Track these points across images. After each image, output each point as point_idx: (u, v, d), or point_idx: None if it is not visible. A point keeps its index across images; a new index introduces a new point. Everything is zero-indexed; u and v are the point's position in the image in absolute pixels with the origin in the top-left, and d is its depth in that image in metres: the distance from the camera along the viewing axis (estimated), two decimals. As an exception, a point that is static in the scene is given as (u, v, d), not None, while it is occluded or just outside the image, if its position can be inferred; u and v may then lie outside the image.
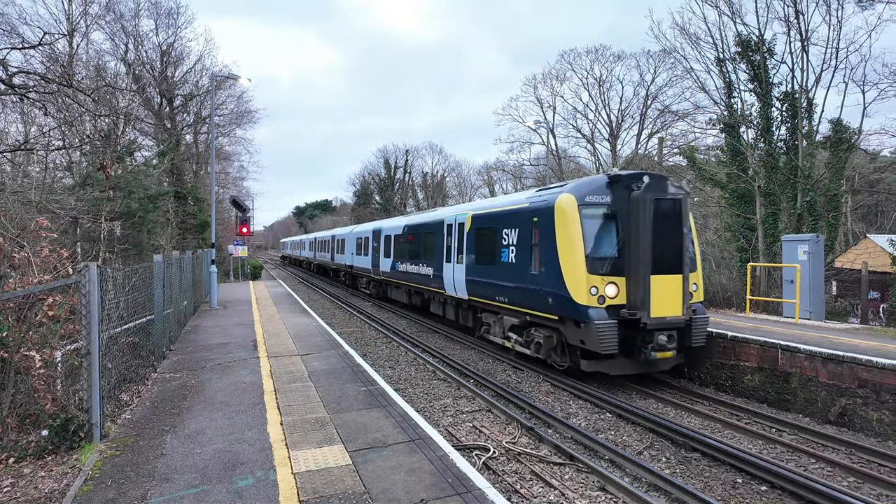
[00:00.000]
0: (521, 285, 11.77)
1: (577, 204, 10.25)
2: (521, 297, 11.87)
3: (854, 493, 6.06)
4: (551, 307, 10.74)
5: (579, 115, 46.01)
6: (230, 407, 7.52)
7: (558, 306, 10.52)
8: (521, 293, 11.81)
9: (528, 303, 11.56)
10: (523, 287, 11.70)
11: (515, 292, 12.06)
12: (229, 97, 37.58)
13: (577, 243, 10.06)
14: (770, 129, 22.91)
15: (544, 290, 10.87)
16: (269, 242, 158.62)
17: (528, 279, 11.50)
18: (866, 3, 20.40)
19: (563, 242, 10.36)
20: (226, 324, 15.57)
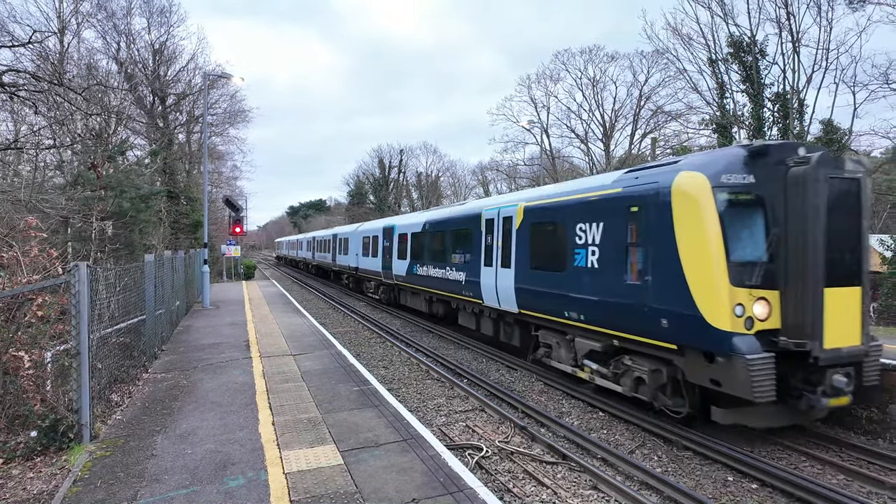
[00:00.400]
0: (609, 299, 8.76)
1: (711, 186, 7.23)
2: (607, 315, 8.88)
3: (843, 490, 6.10)
4: (665, 331, 7.72)
5: (573, 115, 46.23)
6: (222, 407, 7.49)
7: (679, 331, 7.54)
8: (609, 309, 8.80)
9: (621, 323, 8.58)
10: (612, 302, 8.68)
11: (598, 308, 9.08)
12: (222, 96, 37.45)
13: (712, 242, 7.13)
14: (762, 129, 23.08)
15: (652, 306, 7.84)
16: (263, 242, 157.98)
17: (622, 291, 8.47)
18: (857, 5, 20.60)
19: (690, 241, 7.42)
20: (218, 324, 15.50)
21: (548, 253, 10.77)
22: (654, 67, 39.39)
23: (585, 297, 9.43)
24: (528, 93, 49.60)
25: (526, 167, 51.65)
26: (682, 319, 7.42)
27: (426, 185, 73.57)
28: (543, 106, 48.15)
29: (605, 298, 8.93)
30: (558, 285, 10.19)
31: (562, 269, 10.10)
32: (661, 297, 7.78)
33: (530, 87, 49.62)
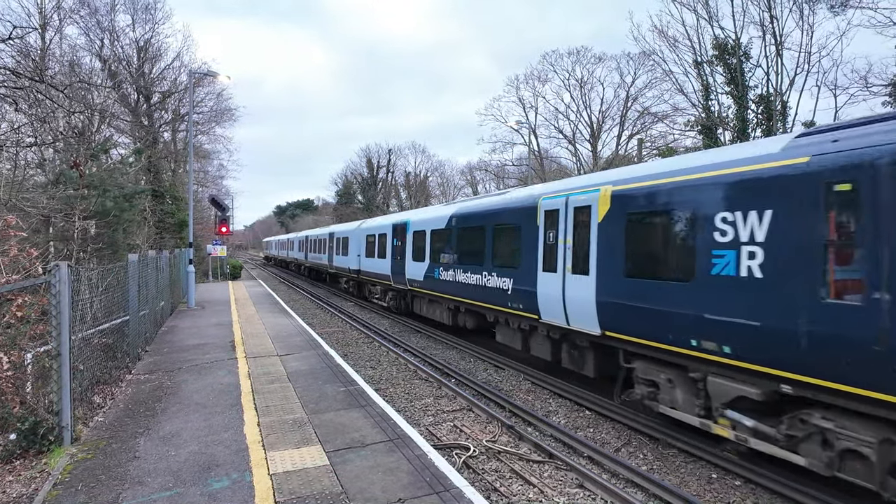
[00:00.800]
0: (788, 325, 5.80)
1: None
2: (781, 349, 5.90)
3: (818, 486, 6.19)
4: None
5: (561, 115, 46.45)
6: (206, 408, 7.41)
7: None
8: (786, 341, 5.83)
9: (812, 363, 5.61)
10: (796, 330, 5.72)
11: (762, 338, 6.08)
12: (208, 94, 37.03)
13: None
14: (746, 130, 23.38)
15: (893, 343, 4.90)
16: (250, 242, 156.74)
17: (816, 314, 5.56)
18: (838, 9, 20.94)
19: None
20: (203, 324, 15.34)
21: (659, 255, 7.83)
22: (640, 69, 39.76)
23: (735, 321, 6.40)
24: (516, 93, 49.93)
25: (514, 167, 51.83)
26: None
27: (415, 185, 73.50)
28: (531, 106, 48.39)
29: (779, 324, 5.89)
30: (680, 301, 7.21)
31: (687, 279, 7.12)
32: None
33: (518, 88, 49.93)
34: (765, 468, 6.55)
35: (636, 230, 8.21)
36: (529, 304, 10.84)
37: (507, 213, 11.99)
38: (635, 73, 40.88)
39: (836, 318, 5.36)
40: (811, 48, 22.89)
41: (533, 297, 10.67)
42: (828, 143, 5.77)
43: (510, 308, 11.61)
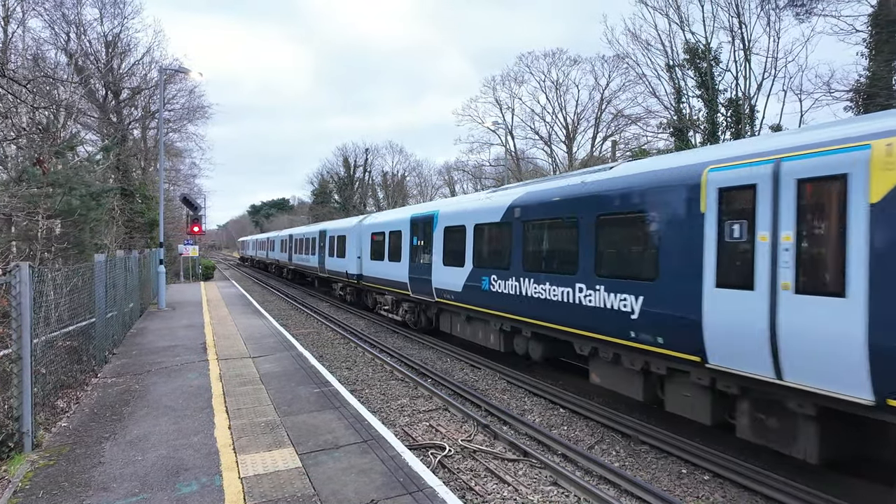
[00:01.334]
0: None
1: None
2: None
3: (790, 481, 6.37)
4: None
5: (537, 117, 46.87)
6: (176, 412, 7.25)
7: None
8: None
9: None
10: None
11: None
12: (180, 91, 36.27)
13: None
14: (716, 133, 23.95)
15: None
16: (223, 242, 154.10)
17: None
18: (803, 16, 21.59)
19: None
20: (174, 326, 15.01)
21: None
22: (614, 72, 40.36)
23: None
24: (492, 94, 50.11)
25: (491, 168, 52.05)
26: None
27: (392, 184, 73.22)
28: (508, 107, 48.69)
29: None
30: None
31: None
32: None
33: (495, 89, 50.14)
34: (734, 463, 6.71)
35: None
36: (679, 338, 7.03)
37: (629, 197, 7.99)
38: (609, 76, 41.53)
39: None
40: (777, 54, 23.62)
41: (691, 327, 6.80)
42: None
43: (632, 340, 7.80)
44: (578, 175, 9.84)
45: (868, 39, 19.69)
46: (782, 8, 22.87)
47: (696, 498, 6.20)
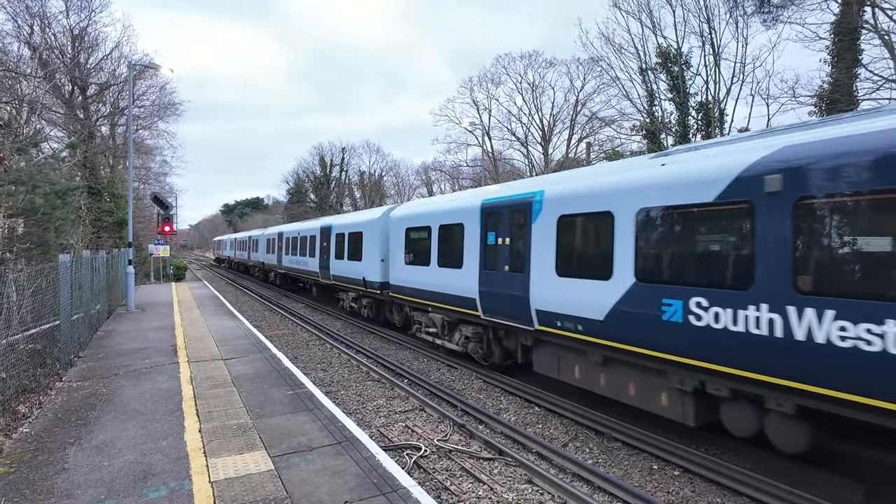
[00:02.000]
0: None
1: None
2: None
3: (753, 473, 6.55)
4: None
5: (513, 118, 47.18)
6: (144, 415, 7.08)
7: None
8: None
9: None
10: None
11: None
12: (151, 88, 35.38)
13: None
14: (687, 135, 24.47)
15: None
16: (196, 242, 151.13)
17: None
18: (770, 23, 22.22)
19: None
20: (143, 328, 14.66)
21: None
22: (589, 74, 40.88)
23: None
24: (470, 95, 50.21)
25: (469, 168, 52.21)
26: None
27: (369, 184, 72.79)
28: (485, 108, 48.91)
29: None
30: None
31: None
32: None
33: (472, 90, 50.28)
34: (702, 458, 6.87)
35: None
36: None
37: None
38: (584, 79, 42.07)
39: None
40: (746, 59, 24.28)
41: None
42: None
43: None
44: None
45: (830, 47, 20.37)
46: (750, 15, 23.53)
47: (667, 493, 6.32)
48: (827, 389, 5.16)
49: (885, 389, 4.74)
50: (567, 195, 8.96)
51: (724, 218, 6.40)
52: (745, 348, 5.84)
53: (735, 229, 6.24)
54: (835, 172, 5.18)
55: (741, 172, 6.08)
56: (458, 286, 11.64)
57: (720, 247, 6.44)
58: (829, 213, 5.26)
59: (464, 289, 11.43)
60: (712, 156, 6.77)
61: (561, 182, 9.49)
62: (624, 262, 7.50)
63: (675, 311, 6.70)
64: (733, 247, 6.21)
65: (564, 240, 8.89)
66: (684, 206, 6.78)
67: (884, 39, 19.52)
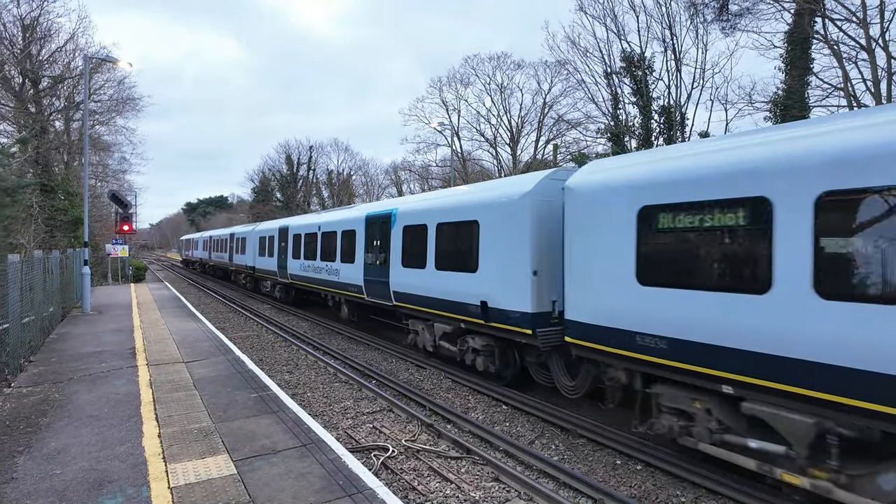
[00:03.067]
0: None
1: None
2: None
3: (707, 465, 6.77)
4: None
5: (482, 119, 47.44)
6: (100, 421, 6.83)
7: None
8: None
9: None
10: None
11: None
12: (108, 82, 34.11)
13: None
14: (650, 138, 25.10)
15: None
16: (156, 241, 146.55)
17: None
18: (728, 31, 23.01)
19: None
20: (100, 330, 14.12)
21: None
22: (556, 77, 41.43)
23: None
24: (439, 95, 50.14)
25: (438, 168, 52.23)
26: None
27: (338, 183, 71.96)
28: (454, 109, 48.99)
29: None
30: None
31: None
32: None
33: (441, 90, 50.20)
34: (663, 452, 7.06)
35: None
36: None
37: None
38: (551, 82, 42.61)
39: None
40: (705, 65, 25.07)
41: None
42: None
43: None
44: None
45: (784, 55, 21.25)
46: (709, 22, 24.33)
47: (630, 487, 6.47)
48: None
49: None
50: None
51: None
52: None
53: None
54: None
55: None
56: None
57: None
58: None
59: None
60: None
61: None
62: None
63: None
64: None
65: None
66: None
67: (833, 49, 20.46)
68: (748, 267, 5.63)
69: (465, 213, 10.69)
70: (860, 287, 4.81)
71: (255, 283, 29.50)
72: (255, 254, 27.17)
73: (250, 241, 28.65)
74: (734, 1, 23.01)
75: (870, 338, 4.67)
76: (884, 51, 19.03)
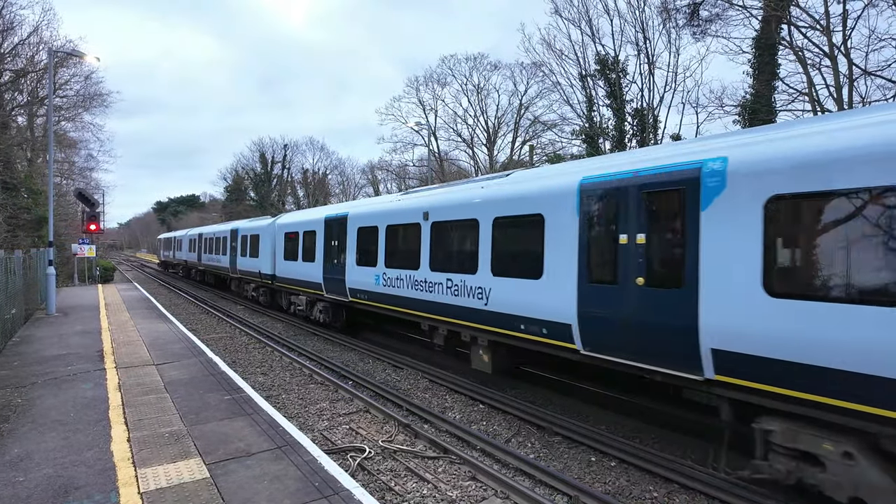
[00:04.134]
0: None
1: None
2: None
3: (684, 462, 6.92)
4: None
5: (459, 119, 47.56)
6: (66, 426, 6.62)
7: None
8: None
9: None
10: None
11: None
12: (74, 76, 33.13)
13: None
14: (623, 140, 25.51)
15: None
16: (126, 241, 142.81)
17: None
18: (699, 36, 23.54)
19: None
20: (66, 332, 13.69)
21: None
22: (532, 79, 41.83)
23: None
24: (416, 95, 50.10)
25: (415, 168, 52.15)
26: None
27: (313, 182, 71.18)
28: (431, 109, 49.02)
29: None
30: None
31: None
32: None
33: (418, 90, 50.16)
34: (637, 449, 7.18)
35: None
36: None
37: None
38: (527, 83, 43.00)
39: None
40: (677, 69, 25.62)
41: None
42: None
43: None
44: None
45: (752, 60, 21.84)
46: (681, 27, 24.87)
47: (604, 483, 6.56)
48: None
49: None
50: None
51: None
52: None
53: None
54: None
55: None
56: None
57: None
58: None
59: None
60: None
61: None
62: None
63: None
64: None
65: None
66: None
67: (798, 55, 21.13)
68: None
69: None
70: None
71: (271, 297, 22.06)
72: (277, 256, 19.81)
73: (267, 239, 21.12)
74: (705, 7, 23.59)
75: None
76: (845, 57, 19.74)
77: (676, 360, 6.24)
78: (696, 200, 6.10)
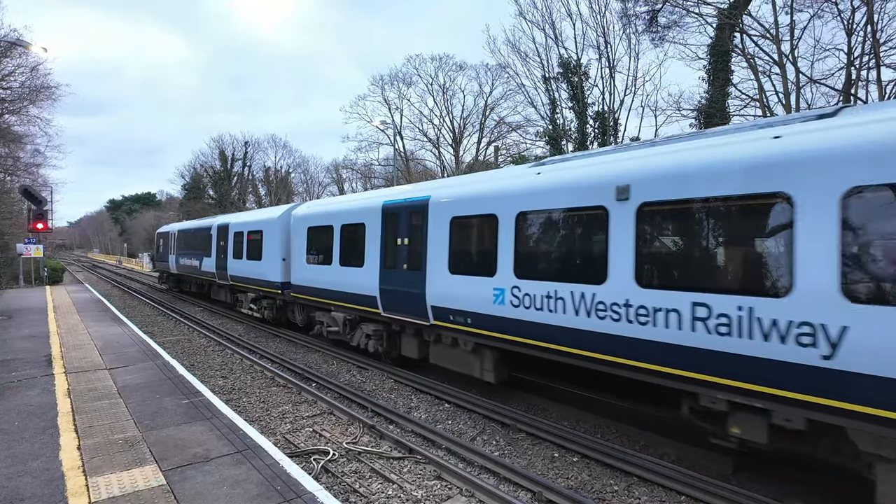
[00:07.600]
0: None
1: None
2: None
3: (644, 455, 7.11)
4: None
5: (425, 119, 47.50)
6: (9, 436, 6.28)
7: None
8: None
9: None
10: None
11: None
12: (20, 67, 31.38)
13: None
14: (585, 142, 26.02)
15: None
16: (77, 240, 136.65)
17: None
18: (657, 41, 24.26)
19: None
20: (10, 337, 12.99)
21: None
22: (497, 80, 42.19)
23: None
24: (381, 93, 49.76)
25: (381, 167, 51.80)
26: None
27: (275, 180, 69.76)
28: (396, 108, 48.80)
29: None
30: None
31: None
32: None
33: (383, 88, 49.81)
34: (599, 444, 7.34)
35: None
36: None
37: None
38: (493, 84, 43.35)
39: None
40: (637, 73, 26.33)
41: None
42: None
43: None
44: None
45: (707, 66, 22.66)
46: (640, 33, 25.57)
47: (567, 479, 6.68)
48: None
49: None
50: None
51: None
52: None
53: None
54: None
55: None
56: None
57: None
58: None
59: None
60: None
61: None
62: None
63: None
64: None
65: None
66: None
67: (750, 62, 22.03)
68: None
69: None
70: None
71: (277, 314, 17.58)
72: (294, 258, 15.48)
73: (276, 236, 16.67)
74: (663, 14, 24.31)
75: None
76: (793, 66, 20.70)
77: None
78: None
